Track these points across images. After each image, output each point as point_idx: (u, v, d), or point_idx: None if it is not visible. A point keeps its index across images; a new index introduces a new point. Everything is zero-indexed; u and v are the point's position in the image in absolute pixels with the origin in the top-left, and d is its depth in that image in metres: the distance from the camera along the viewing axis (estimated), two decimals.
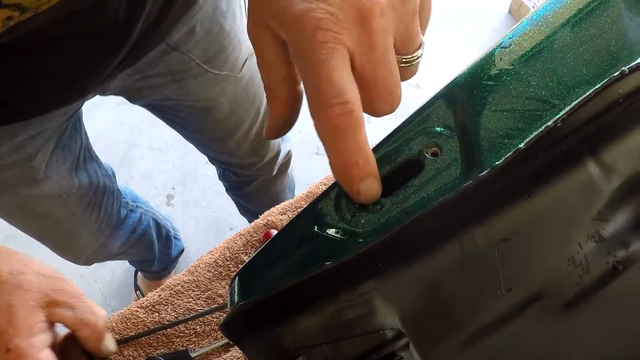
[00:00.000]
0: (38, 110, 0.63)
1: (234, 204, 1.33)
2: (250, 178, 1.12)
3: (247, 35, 0.83)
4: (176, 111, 0.85)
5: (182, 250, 1.35)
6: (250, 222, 1.36)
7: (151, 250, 1.20)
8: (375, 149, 0.39)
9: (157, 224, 1.22)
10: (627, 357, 0.40)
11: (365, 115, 0.32)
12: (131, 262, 1.35)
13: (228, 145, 0.95)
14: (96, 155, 0.90)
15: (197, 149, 1.06)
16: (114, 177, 0.98)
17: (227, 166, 1.08)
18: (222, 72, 0.78)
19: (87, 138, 0.85)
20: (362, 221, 0.35)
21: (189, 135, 0.98)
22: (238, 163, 1.04)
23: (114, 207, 0.96)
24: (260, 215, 0.76)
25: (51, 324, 0.40)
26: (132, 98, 0.79)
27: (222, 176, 1.20)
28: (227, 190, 1.26)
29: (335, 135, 0.29)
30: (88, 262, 1.02)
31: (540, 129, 0.35)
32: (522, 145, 0.34)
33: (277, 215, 0.75)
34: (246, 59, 0.81)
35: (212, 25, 0.71)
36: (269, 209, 0.77)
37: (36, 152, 0.70)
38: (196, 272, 0.71)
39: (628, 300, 0.39)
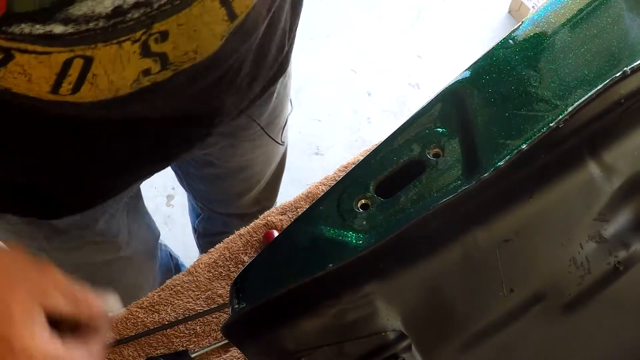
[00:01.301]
0: (124, 185, 0.60)
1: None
2: (233, 228, 1.07)
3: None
4: (202, 166, 0.80)
5: None
6: None
7: (165, 281, 1.18)
8: (377, 150, 0.39)
9: (170, 255, 1.21)
10: (629, 357, 0.40)
11: (366, 114, 0.32)
12: None
13: (240, 200, 0.91)
14: (144, 204, 0.86)
15: (198, 200, 1.00)
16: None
17: (224, 216, 1.03)
18: (284, 143, 0.77)
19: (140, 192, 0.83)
20: (364, 223, 0.35)
21: (199, 188, 0.92)
22: (239, 213, 0.99)
23: (160, 252, 0.95)
24: None
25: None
26: None
27: (206, 223, 1.13)
28: (199, 236, 1.20)
29: None
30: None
31: (542, 130, 0.35)
32: (524, 146, 0.34)
33: (277, 215, 0.75)
34: (286, 120, 0.80)
35: (281, 87, 0.69)
36: None
37: (118, 228, 0.68)
38: (196, 272, 0.71)
39: (629, 300, 0.39)
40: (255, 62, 0.52)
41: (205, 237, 1.18)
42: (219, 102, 0.51)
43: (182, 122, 0.49)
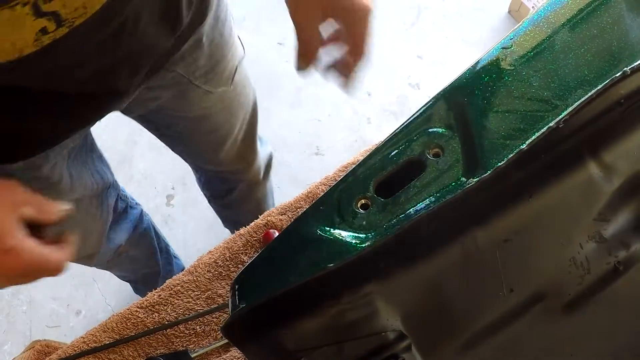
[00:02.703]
0: (60, 137, 0.64)
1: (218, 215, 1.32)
2: (234, 184, 1.12)
3: (237, 41, 0.85)
4: (169, 124, 0.85)
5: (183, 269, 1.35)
6: (233, 233, 1.36)
7: (154, 257, 1.22)
8: (377, 150, 0.39)
9: (156, 232, 1.24)
10: (628, 357, 0.40)
11: (366, 114, 0.32)
12: (136, 288, 1.36)
13: (218, 155, 0.95)
14: (99, 152, 0.91)
15: (186, 160, 1.05)
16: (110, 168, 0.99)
17: (215, 174, 1.09)
18: (217, 89, 0.80)
19: (92, 139, 0.85)
20: (364, 223, 0.35)
21: (179, 148, 0.97)
22: (226, 170, 1.05)
23: (114, 199, 0.97)
24: (245, 225, 0.75)
25: None
26: (130, 110, 0.78)
27: (207, 185, 1.19)
28: (209, 201, 1.25)
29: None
30: (100, 260, 1.02)
31: (542, 130, 0.35)
32: (524, 146, 0.34)
33: (277, 215, 0.75)
34: (236, 67, 0.83)
35: (215, 34, 0.73)
36: (252, 216, 0.77)
37: (61, 175, 0.71)
38: (196, 272, 0.71)
39: (629, 300, 0.39)
40: (156, 11, 0.55)
41: (216, 200, 1.22)
42: (126, 52, 0.54)
43: (97, 75, 0.54)
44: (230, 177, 1.09)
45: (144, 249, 1.18)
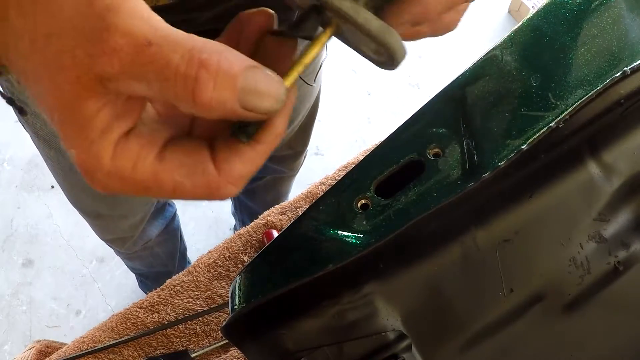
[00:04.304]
0: None
1: (231, 202, 1.32)
2: (268, 173, 1.13)
3: None
4: None
5: None
6: (240, 221, 1.36)
7: (173, 259, 1.23)
8: (377, 149, 0.39)
9: (181, 235, 1.25)
10: (628, 357, 0.40)
11: (366, 114, 0.32)
12: (143, 282, 1.36)
13: None
14: None
15: None
16: None
17: None
18: (312, 84, 0.82)
19: None
20: (364, 223, 0.35)
21: None
22: (272, 155, 1.03)
23: None
24: (258, 214, 0.76)
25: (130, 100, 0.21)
26: None
27: None
28: None
29: None
30: (128, 248, 1.02)
31: (542, 130, 0.35)
32: (524, 146, 0.34)
33: (277, 215, 0.75)
34: (321, 64, 0.84)
35: None
36: (268, 208, 0.77)
37: None
38: (195, 272, 0.71)
39: (629, 300, 0.39)
40: None
41: None
42: None
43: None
44: (269, 165, 1.09)
45: (168, 249, 1.18)
